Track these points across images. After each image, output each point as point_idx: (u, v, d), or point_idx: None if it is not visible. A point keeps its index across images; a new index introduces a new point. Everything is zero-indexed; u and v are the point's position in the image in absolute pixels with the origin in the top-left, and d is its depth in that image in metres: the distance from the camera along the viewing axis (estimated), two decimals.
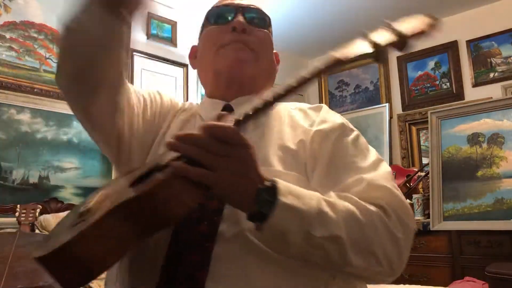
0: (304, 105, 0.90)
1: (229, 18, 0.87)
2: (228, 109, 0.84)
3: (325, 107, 0.87)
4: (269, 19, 0.93)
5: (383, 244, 0.67)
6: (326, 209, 0.63)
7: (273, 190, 0.60)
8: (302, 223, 0.61)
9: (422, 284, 2.03)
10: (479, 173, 2.40)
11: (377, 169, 0.74)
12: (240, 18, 0.86)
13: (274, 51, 0.96)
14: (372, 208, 0.67)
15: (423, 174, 2.84)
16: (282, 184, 0.61)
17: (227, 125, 0.59)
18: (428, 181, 2.59)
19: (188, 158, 0.58)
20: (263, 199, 0.60)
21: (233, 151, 0.59)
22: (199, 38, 0.94)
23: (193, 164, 0.57)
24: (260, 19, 0.90)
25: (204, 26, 0.93)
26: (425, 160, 3.28)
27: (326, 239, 0.61)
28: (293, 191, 0.62)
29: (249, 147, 0.60)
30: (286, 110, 0.87)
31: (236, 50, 0.85)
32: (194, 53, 0.97)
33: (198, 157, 0.57)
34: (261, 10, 0.91)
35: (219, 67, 0.86)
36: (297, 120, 0.84)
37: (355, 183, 0.71)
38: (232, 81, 0.86)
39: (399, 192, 0.72)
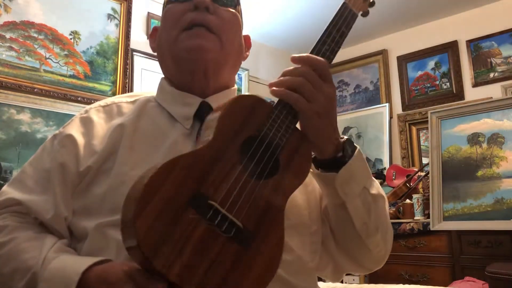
0: None
1: None
2: (205, 107, 0.77)
3: None
4: None
5: (390, 231, 0.76)
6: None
7: (351, 141, 0.68)
8: (365, 173, 0.69)
9: (422, 284, 2.02)
10: (479, 173, 2.40)
11: None
12: None
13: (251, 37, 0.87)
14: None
15: (423, 174, 2.84)
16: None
17: (324, 60, 0.63)
18: (428, 181, 2.58)
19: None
20: (346, 148, 0.67)
21: (324, 87, 0.62)
22: (161, 17, 0.83)
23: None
24: None
25: (167, 2, 0.82)
26: (425, 160, 3.27)
27: (375, 196, 0.70)
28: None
29: (334, 87, 0.65)
30: None
31: (197, 36, 0.75)
32: (155, 34, 0.86)
33: (298, 84, 0.60)
34: None
35: (178, 54, 0.77)
36: None
37: None
38: (194, 70, 0.77)
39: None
